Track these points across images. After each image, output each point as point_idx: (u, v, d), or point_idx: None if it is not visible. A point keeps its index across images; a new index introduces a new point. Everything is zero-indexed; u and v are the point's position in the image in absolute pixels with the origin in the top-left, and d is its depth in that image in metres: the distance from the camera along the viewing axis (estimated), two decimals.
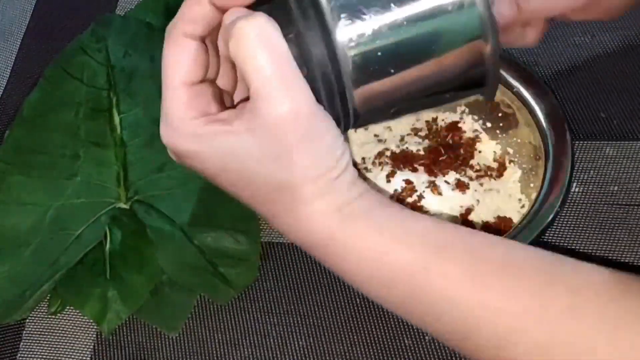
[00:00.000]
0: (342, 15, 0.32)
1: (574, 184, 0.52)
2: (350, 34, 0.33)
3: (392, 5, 0.32)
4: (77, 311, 0.55)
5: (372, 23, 0.33)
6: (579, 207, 0.52)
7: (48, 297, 0.55)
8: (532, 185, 0.50)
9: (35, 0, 0.72)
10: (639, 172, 0.52)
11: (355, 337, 0.51)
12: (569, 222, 0.52)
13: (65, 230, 0.54)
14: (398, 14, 0.33)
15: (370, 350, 0.50)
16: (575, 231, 0.51)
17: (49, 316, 0.55)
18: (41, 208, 0.55)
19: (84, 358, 0.53)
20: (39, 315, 0.55)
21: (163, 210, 0.54)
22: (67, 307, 0.55)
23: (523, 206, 0.49)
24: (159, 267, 0.52)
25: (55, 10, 0.71)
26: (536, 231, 0.45)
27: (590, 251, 0.51)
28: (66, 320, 0.55)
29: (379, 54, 0.33)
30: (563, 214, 0.52)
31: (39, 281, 0.52)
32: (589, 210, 0.52)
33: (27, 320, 0.55)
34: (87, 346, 0.54)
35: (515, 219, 0.49)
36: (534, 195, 0.48)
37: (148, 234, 0.53)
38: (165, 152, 0.37)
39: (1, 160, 0.57)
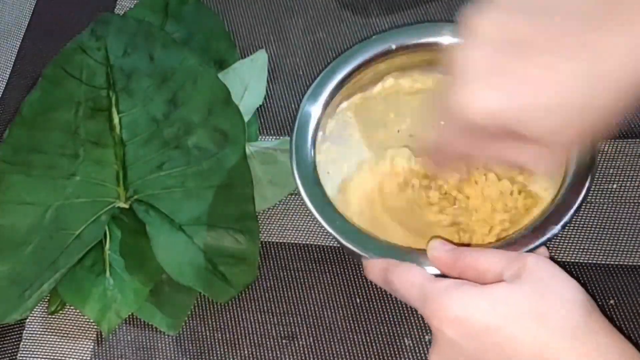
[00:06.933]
0: None
1: None
2: None
3: None
4: (77, 311, 0.55)
5: None
6: None
7: (48, 297, 0.55)
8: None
9: (35, 0, 0.72)
10: (638, 170, 0.52)
11: (355, 337, 0.51)
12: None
13: (65, 230, 0.54)
14: None
15: (370, 350, 0.50)
16: (575, 230, 0.51)
17: (49, 316, 0.55)
18: (41, 207, 0.55)
19: (84, 358, 0.53)
20: (39, 315, 0.55)
21: (162, 209, 0.54)
22: (67, 307, 0.55)
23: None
24: (158, 267, 0.52)
25: (55, 10, 0.71)
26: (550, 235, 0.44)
27: (590, 250, 0.50)
28: (66, 320, 0.55)
29: None
30: None
31: (39, 281, 0.52)
32: (588, 209, 0.52)
33: (27, 320, 0.55)
34: (87, 346, 0.54)
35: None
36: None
37: (148, 233, 0.53)
38: (164, 150, 0.37)
39: (1, 160, 0.57)
